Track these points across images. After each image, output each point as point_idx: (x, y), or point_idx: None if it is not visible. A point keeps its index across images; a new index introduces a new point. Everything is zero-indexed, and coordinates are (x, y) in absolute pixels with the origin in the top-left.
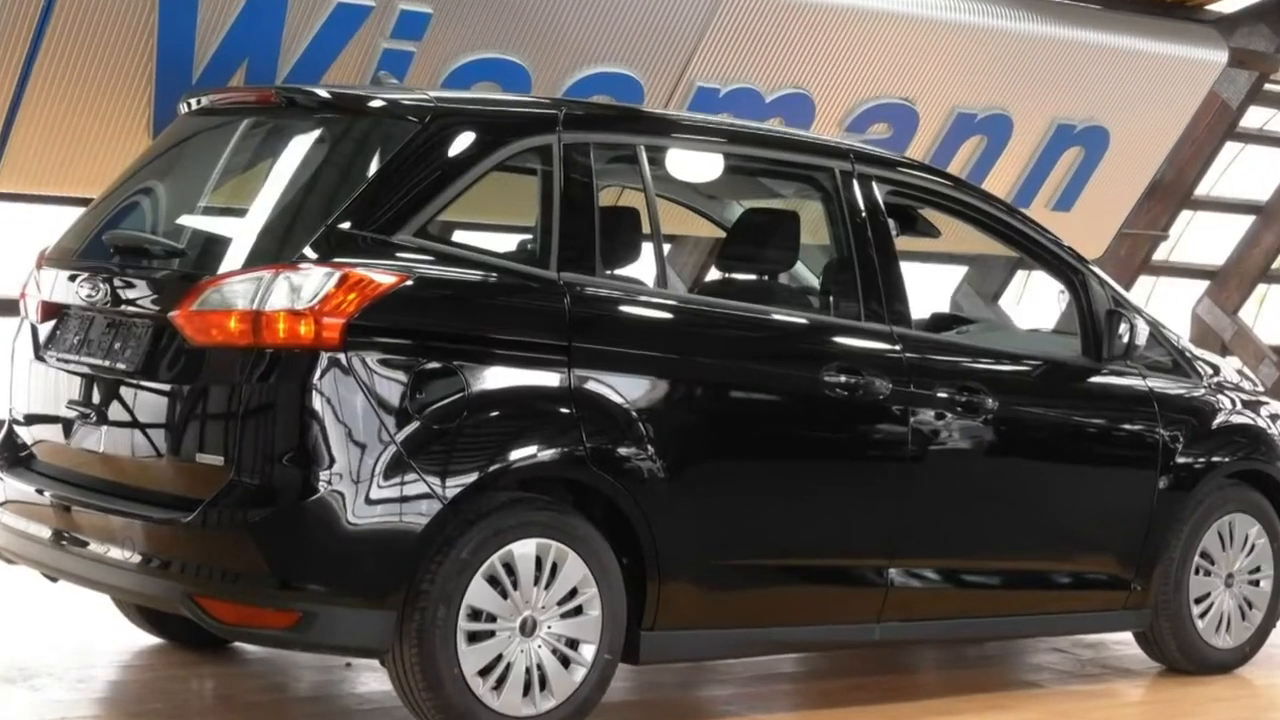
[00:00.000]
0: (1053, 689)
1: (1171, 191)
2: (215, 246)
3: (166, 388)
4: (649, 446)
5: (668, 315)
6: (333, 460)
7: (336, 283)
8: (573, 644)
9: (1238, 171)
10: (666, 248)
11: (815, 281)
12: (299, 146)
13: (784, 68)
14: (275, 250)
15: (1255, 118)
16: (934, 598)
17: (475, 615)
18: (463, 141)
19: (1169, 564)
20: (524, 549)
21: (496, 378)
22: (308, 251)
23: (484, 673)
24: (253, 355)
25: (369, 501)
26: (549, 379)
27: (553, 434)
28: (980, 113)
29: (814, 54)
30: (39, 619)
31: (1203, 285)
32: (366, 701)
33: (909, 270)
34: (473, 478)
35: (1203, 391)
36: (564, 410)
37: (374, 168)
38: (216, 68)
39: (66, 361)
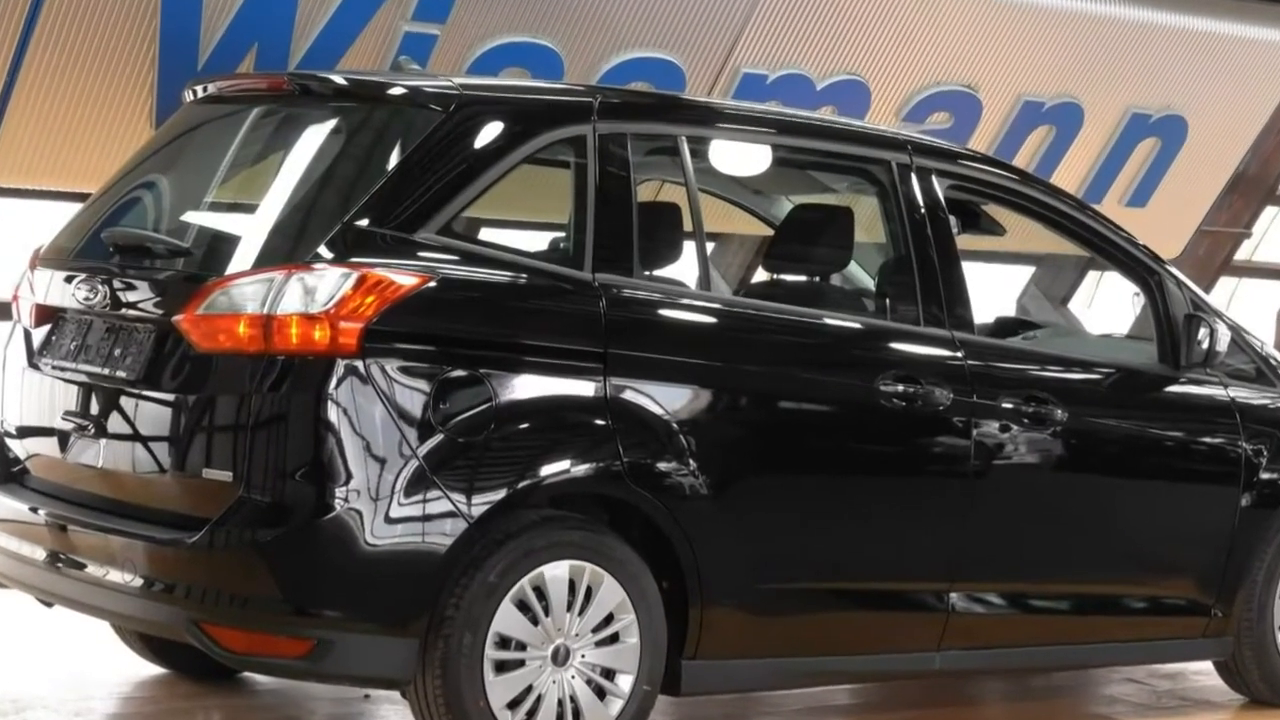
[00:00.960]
0: None
1: (1255, 186)
2: (223, 245)
3: (170, 398)
4: (691, 461)
5: (711, 319)
6: (350, 476)
7: (354, 284)
8: (609, 674)
9: None
10: (709, 247)
11: (870, 283)
12: (313, 137)
13: (837, 52)
14: (288, 249)
15: None
16: (998, 624)
17: (503, 643)
18: (490, 132)
19: (1252, 588)
20: (556, 571)
21: (526, 387)
22: (323, 251)
23: (513, 705)
24: (263, 362)
25: (389, 520)
26: (583, 388)
27: (587, 447)
28: (1049, 101)
29: (869, 37)
30: (33, 647)
31: None
32: None
33: (971, 271)
34: (501, 495)
35: None
36: (599, 422)
37: (394, 160)
38: (224, 52)
39: (62, 369)
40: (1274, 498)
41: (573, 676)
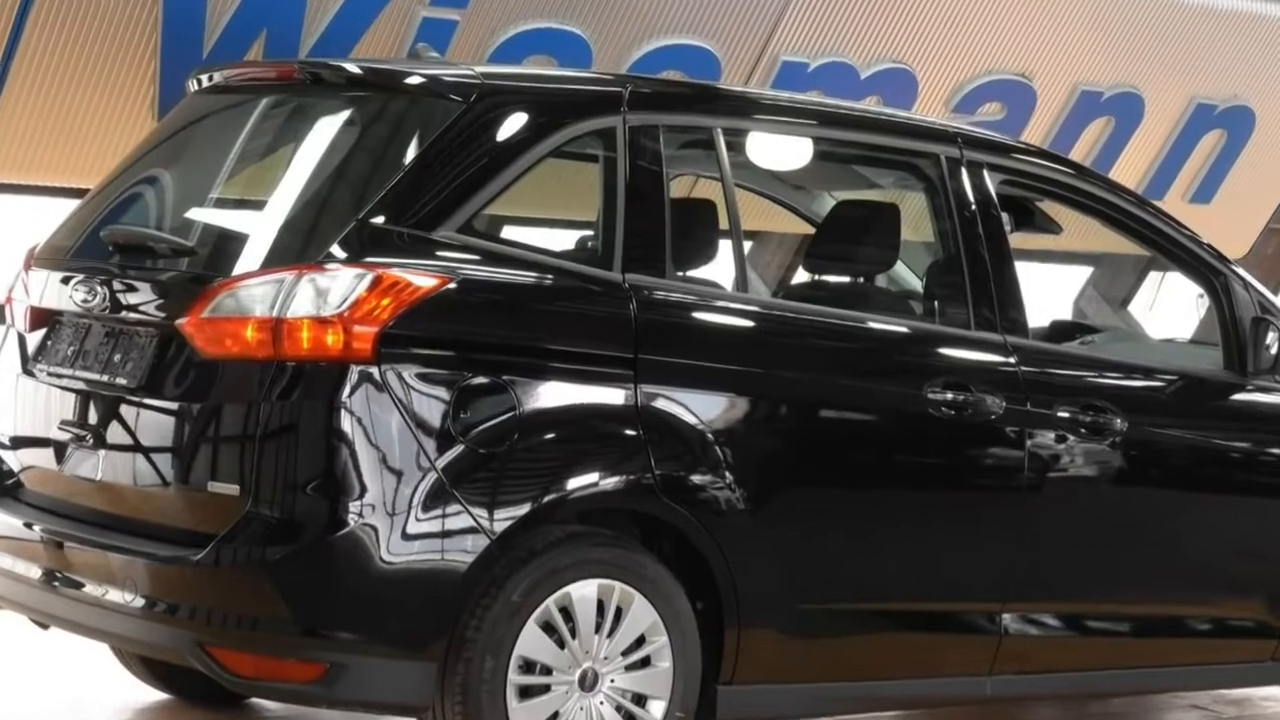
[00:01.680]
0: None
1: None
2: (229, 244)
3: (174, 406)
4: (727, 473)
5: (748, 323)
6: (364, 489)
7: (369, 286)
8: (639, 700)
9: None
10: (747, 246)
11: (918, 284)
12: (325, 129)
13: (882, 38)
14: (299, 248)
15: None
16: (1054, 647)
17: (528, 667)
18: (513, 124)
19: None
20: (583, 591)
21: (552, 395)
22: (336, 250)
23: None
24: (273, 369)
25: (406, 537)
26: (612, 396)
27: (617, 459)
28: (1107, 90)
29: (917, 23)
30: (27, 671)
31: None
32: None
33: (1025, 271)
34: (525, 510)
35: None
36: (629, 432)
37: (411, 154)
38: (231, 39)
39: (59, 376)
40: None
41: (601, 703)
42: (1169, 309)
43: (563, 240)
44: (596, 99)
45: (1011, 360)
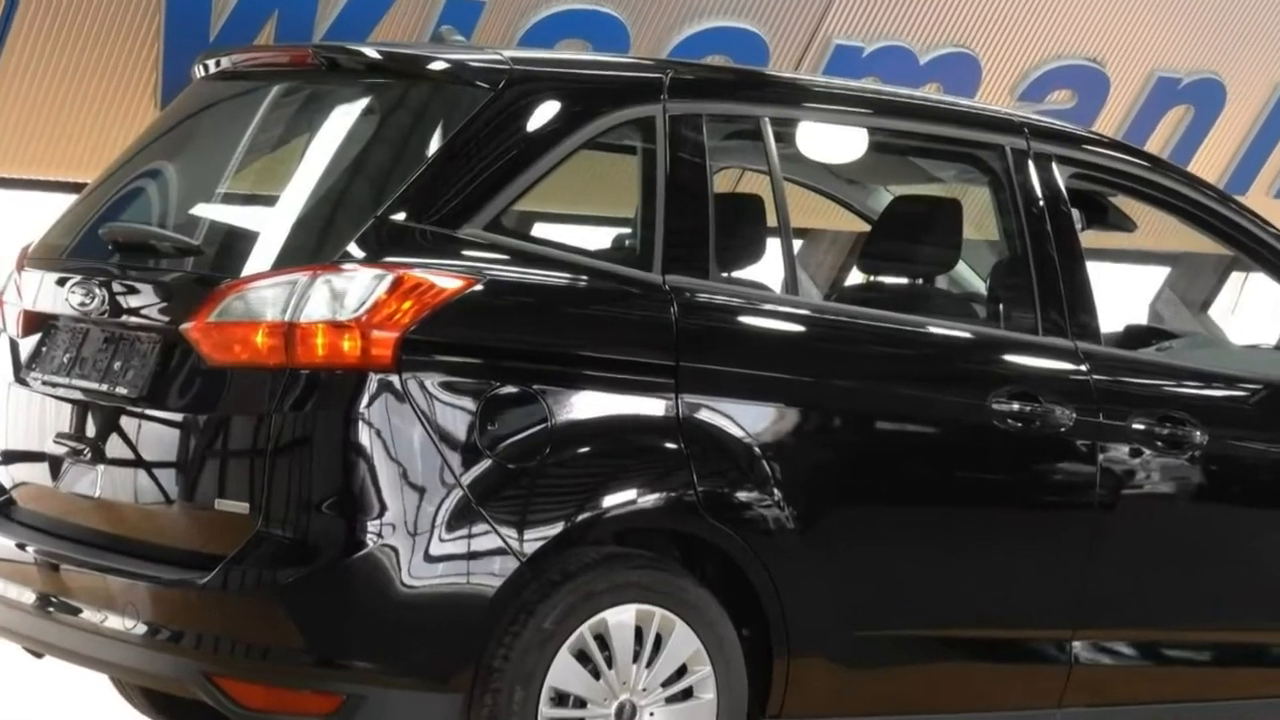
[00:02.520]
0: None
1: None
2: (238, 243)
3: (178, 418)
4: (776, 490)
5: (798, 328)
6: (384, 508)
7: (389, 287)
8: None
9: None
10: (796, 244)
11: (981, 286)
12: (342, 119)
13: (943, 21)
14: (313, 247)
15: None
16: (1128, 678)
17: (560, 699)
18: (545, 113)
19: None
20: (620, 617)
21: (587, 405)
22: (353, 249)
23: None
24: (285, 377)
25: (429, 559)
26: (652, 407)
27: (656, 475)
28: (1185, 77)
29: (980, 4)
30: (20, 703)
31: None
32: None
33: (1097, 272)
34: (557, 529)
35: None
36: (670, 445)
37: (435, 145)
38: (240, 22)
39: (54, 385)
40: None
41: None
42: (1252, 312)
43: (598, 239)
44: (634, 86)
45: (1083, 368)
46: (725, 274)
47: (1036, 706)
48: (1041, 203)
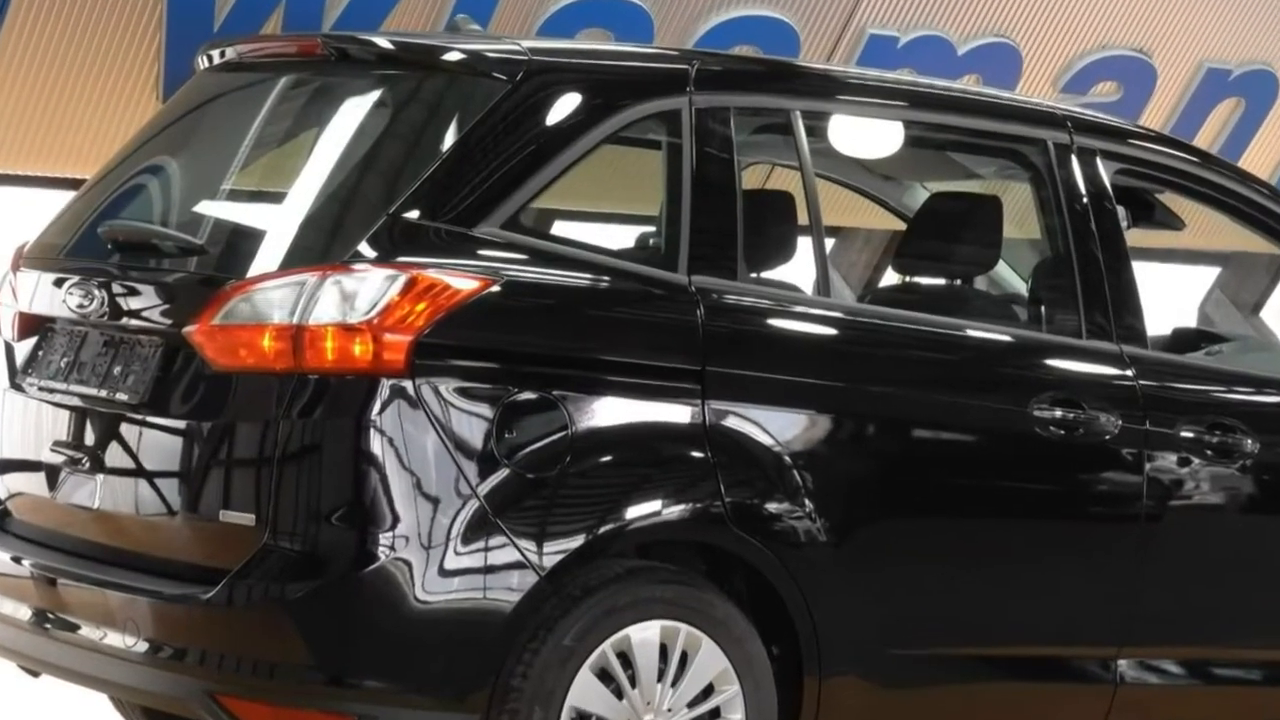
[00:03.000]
0: None
1: None
2: (244, 242)
3: (181, 425)
4: (807, 501)
5: (830, 331)
6: (396, 519)
7: (401, 289)
8: None
9: None
10: (829, 244)
11: (1022, 287)
12: (352, 112)
13: (982, 10)
14: (322, 246)
15: None
16: (1176, 698)
17: (582, 719)
18: (565, 106)
19: None
20: (644, 634)
21: (609, 412)
22: (364, 248)
23: None
24: (293, 383)
25: (443, 572)
26: (677, 413)
27: (682, 485)
28: (1236, 68)
29: None
30: None
31: None
32: None
33: (1144, 273)
34: (578, 542)
35: None
36: (696, 454)
37: (450, 140)
38: (245, 10)
39: (51, 391)
40: None
41: None
42: None
43: (621, 238)
44: (659, 78)
45: (1128, 373)
46: (754, 274)
47: None
48: (1085, 200)
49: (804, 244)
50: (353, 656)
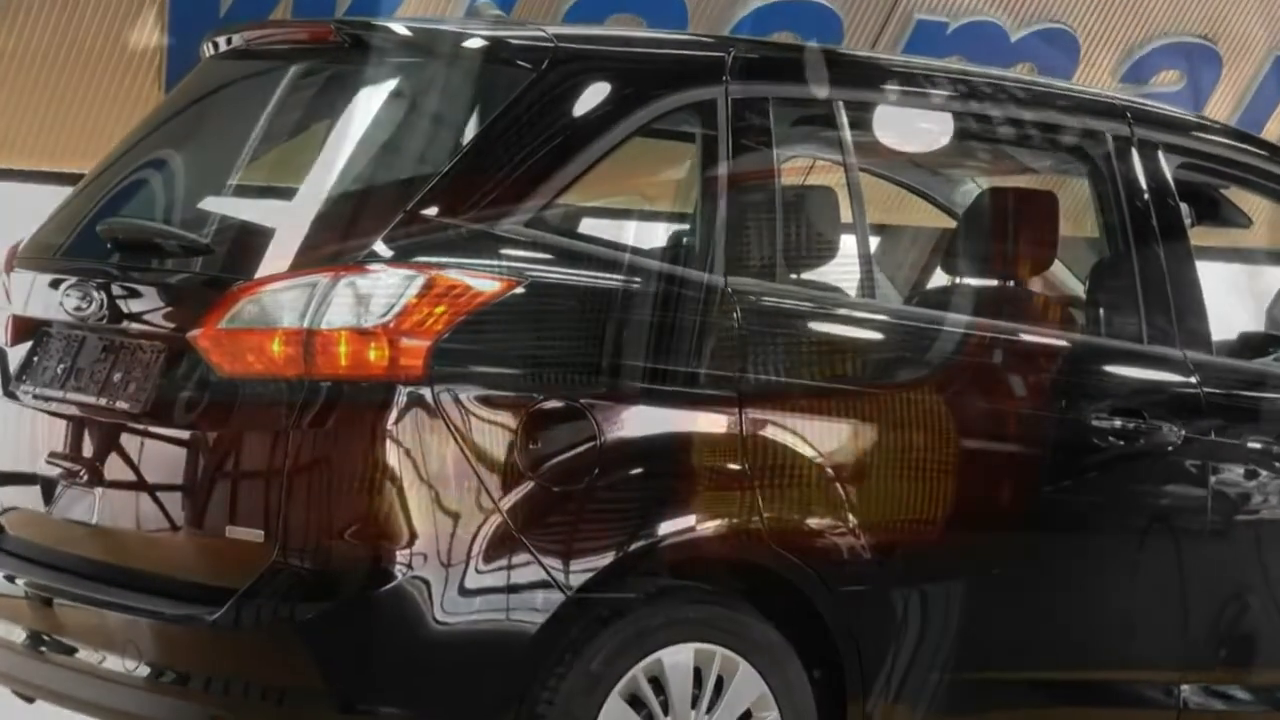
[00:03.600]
0: None
1: None
2: (252, 241)
3: (185, 435)
4: (850, 516)
5: (875, 335)
6: (414, 535)
7: (419, 290)
8: None
9: None
10: (873, 243)
11: (1079, 289)
12: (367, 103)
13: None
14: (335, 246)
15: None
16: None
17: None
18: (593, 96)
19: None
20: (677, 658)
21: (639, 421)
22: (380, 248)
23: None
24: (303, 390)
25: (464, 592)
26: (712, 423)
27: (717, 499)
28: None
29: None
30: None
31: None
32: None
33: (1209, 273)
34: (607, 560)
35: None
36: (733, 466)
37: (471, 132)
38: None
39: (47, 399)
40: None
41: None
42: None
43: (652, 236)
44: (693, 66)
45: (1192, 380)
46: (794, 276)
47: None
48: (1146, 196)
49: (847, 243)
50: (367, 682)
